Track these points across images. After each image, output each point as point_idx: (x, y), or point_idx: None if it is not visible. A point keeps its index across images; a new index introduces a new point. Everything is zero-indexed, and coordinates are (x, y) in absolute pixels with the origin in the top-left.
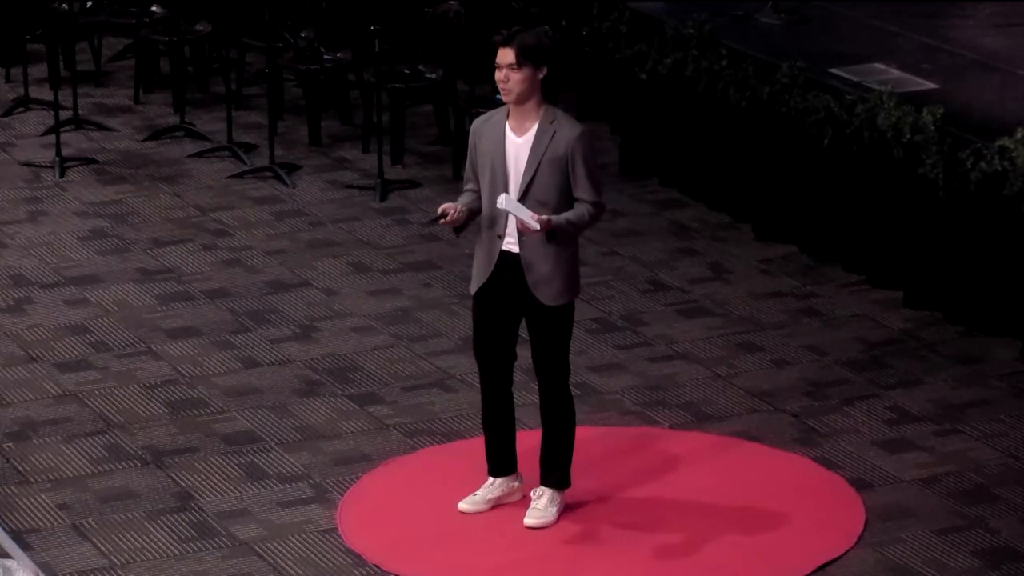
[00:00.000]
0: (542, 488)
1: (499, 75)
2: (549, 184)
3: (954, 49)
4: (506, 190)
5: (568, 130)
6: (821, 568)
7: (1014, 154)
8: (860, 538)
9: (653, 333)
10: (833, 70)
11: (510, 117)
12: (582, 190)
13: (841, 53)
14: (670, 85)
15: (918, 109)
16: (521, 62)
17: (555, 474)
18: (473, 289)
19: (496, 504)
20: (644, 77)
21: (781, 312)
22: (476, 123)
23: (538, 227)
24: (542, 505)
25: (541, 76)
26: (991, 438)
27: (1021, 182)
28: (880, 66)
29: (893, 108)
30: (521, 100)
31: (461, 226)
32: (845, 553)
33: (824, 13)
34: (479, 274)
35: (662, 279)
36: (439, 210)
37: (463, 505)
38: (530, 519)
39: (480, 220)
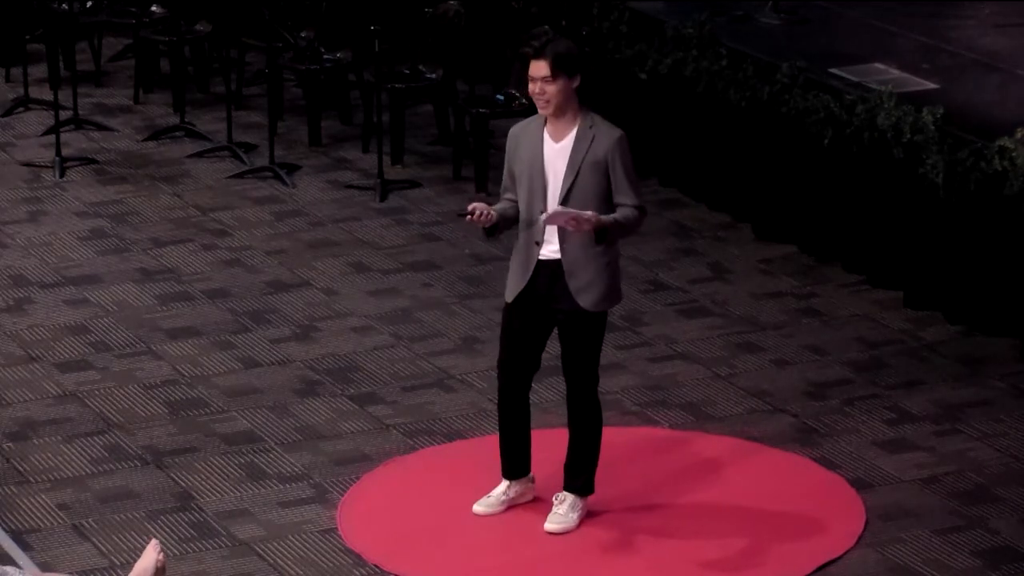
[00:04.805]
0: (564, 493)
1: (533, 88)
2: (589, 188)
3: (954, 49)
4: (545, 195)
5: (607, 134)
6: (821, 568)
7: (1014, 154)
8: (860, 538)
9: (653, 333)
10: (833, 70)
11: (548, 123)
12: (623, 194)
13: (841, 53)
14: (670, 85)
15: (918, 109)
16: (556, 73)
17: (579, 480)
18: (509, 297)
19: (510, 505)
20: (644, 77)
21: (781, 312)
22: (514, 130)
23: (591, 221)
24: (563, 511)
25: (576, 85)
26: (991, 438)
27: (1021, 182)
28: (880, 66)
29: (893, 108)
30: (560, 111)
31: (493, 228)
32: (845, 553)
33: (824, 13)
34: (515, 282)
35: (662, 279)
36: (469, 207)
37: (477, 507)
38: (551, 524)
39: (518, 227)
